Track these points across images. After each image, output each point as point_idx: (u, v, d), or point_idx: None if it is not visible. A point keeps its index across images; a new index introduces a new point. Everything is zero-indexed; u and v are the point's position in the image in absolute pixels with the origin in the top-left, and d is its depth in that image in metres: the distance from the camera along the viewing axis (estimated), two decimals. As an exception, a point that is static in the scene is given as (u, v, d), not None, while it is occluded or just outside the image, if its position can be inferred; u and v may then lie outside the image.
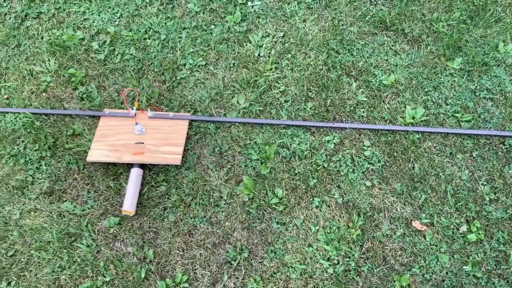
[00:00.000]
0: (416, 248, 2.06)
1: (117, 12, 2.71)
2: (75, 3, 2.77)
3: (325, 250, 2.06)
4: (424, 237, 2.08)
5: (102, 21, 2.69)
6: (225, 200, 2.18)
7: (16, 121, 2.41)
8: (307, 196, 2.18)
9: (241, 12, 2.66)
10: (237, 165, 2.26)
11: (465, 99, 2.38)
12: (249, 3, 2.69)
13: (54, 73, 2.54)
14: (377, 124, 2.32)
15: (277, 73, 2.48)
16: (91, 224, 2.15)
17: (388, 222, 2.12)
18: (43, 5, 2.78)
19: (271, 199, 2.16)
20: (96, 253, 2.09)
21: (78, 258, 2.08)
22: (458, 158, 2.24)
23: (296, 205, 2.16)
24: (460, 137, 2.29)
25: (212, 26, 2.64)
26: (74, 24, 2.70)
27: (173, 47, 2.58)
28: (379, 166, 2.23)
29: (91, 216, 2.17)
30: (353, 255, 2.05)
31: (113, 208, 2.18)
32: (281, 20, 2.65)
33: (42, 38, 2.66)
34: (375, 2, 2.69)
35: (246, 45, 2.58)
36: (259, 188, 2.20)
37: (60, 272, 2.05)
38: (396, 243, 2.07)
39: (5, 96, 2.49)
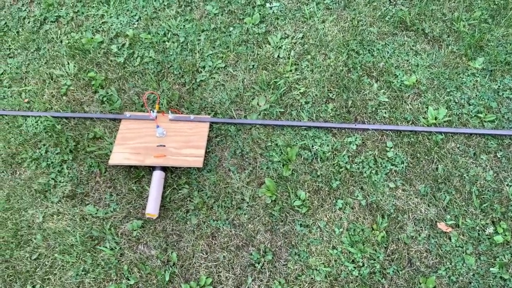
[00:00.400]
0: (441, 250, 2.04)
1: (135, 15, 2.71)
2: (93, 6, 2.78)
3: (349, 252, 2.04)
4: (450, 238, 2.06)
5: (121, 24, 2.69)
6: (248, 203, 2.17)
7: (37, 124, 2.41)
8: (330, 198, 2.16)
9: (260, 14, 2.65)
10: (258, 167, 2.25)
11: (488, 99, 2.36)
12: (267, 5, 2.69)
13: (74, 76, 2.55)
14: (400, 125, 2.30)
15: (297, 75, 2.47)
16: (114, 227, 2.15)
17: (413, 223, 2.10)
18: (61, 9, 2.79)
19: (294, 201, 2.15)
20: (120, 256, 2.09)
21: (102, 261, 2.08)
22: (482, 158, 2.22)
23: (319, 207, 2.14)
24: (484, 138, 2.27)
25: (231, 28, 2.63)
26: (92, 27, 2.71)
27: (192, 49, 2.58)
28: (402, 167, 2.21)
29: (114, 219, 2.17)
30: (378, 257, 2.03)
31: (136, 211, 2.18)
32: (300, 21, 2.64)
33: (61, 41, 2.67)
34: (394, 2, 2.67)
35: (265, 46, 2.57)
36: (281, 190, 2.19)
37: (84, 275, 2.05)
38: (421, 245, 2.05)
39: (26, 100, 2.50)
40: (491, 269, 1.99)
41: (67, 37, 2.69)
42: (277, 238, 2.10)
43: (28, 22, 2.77)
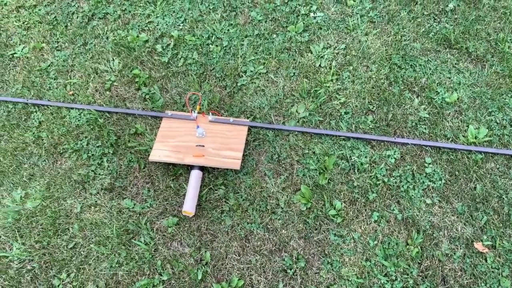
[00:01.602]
0: (476, 270, 2.01)
1: (181, 17, 2.77)
2: (140, 6, 2.84)
3: (383, 265, 2.04)
4: (486, 259, 2.03)
5: (166, 24, 2.75)
6: (282, 208, 2.18)
7: (80, 117, 2.48)
8: (365, 210, 2.16)
9: (303, 23, 2.68)
10: (295, 173, 2.27)
11: (530, 121, 2.34)
12: (312, 14, 2.71)
13: (118, 72, 2.61)
14: (439, 142, 2.30)
15: (338, 85, 2.48)
16: (150, 223, 2.18)
17: (448, 241, 2.08)
18: (109, 6, 2.87)
19: (329, 211, 2.15)
20: (154, 251, 2.12)
21: (136, 255, 2.11)
22: (522, 181, 2.20)
23: (354, 218, 2.14)
24: (524, 160, 2.25)
25: (274, 35, 2.67)
26: (138, 26, 2.77)
27: (235, 53, 2.62)
28: (440, 184, 2.20)
29: (150, 214, 2.20)
30: (411, 272, 2.01)
31: (172, 208, 2.21)
32: (343, 32, 2.66)
33: (107, 38, 2.74)
34: (439, 20, 2.67)
35: (307, 55, 2.59)
36: (317, 198, 2.19)
37: (118, 268, 2.08)
38: (456, 264, 2.03)
39: (71, 92, 2.57)
40: (527, 293, 1.97)
41: (114, 34, 2.76)
42: (311, 245, 2.10)
43: (77, 17, 2.85)
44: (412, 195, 2.18)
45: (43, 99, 2.56)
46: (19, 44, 2.78)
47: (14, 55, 2.74)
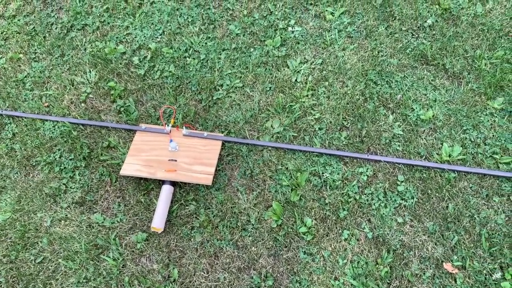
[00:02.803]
0: (446, 291, 2.00)
1: (159, 29, 2.77)
2: (119, 18, 2.84)
3: (351, 285, 2.02)
4: (455, 280, 2.01)
5: (144, 36, 2.75)
6: (253, 225, 2.17)
7: (54, 129, 2.46)
8: (336, 228, 2.14)
9: (281, 37, 2.68)
10: (267, 189, 2.25)
11: (505, 140, 2.32)
12: (290, 29, 2.71)
13: (94, 84, 2.60)
14: (412, 159, 2.28)
15: (313, 100, 2.47)
16: (119, 238, 2.16)
17: (418, 261, 2.06)
18: (88, 18, 2.86)
19: (300, 228, 2.14)
20: (122, 267, 2.10)
21: (104, 271, 2.09)
22: (494, 201, 2.17)
23: (325, 236, 2.13)
24: (497, 179, 2.23)
25: (252, 49, 2.66)
26: (117, 37, 2.76)
27: (211, 67, 2.61)
28: (412, 202, 2.18)
29: (119, 229, 2.18)
30: (380, 292, 2.00)
31: (142, 223, 2.19)
32: (320, 47, 2.66)
33: (85, 49, 2.74)
34: (416, 35, 2.67)
35: (284, 69, 2.59)
36: (288, 215, 2.18)
37: (85, 284, 2.06)
38: (425, 284, 2.01)
39: (46, 104, 2.56)
40: (495, 315, 1.95)
41: (91, 45, 2.75)
42: (280, 263, 2.09)
43: (56, 28, 2.84)
44: (384, 213, 2.16)
45: (18, 110, 2.55)
46: (-3, 54, 2.78)
47: (-8, 65, 2.74)
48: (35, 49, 2.77)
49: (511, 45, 2.62)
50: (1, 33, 2.85)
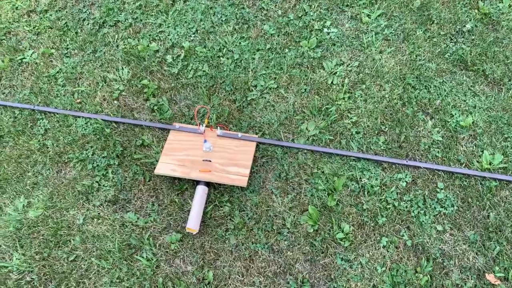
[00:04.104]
0: (487, 303, 1.95)
1: (192, 27, 2.73)
2: (152, 15, 2.81)
3: (390, 293, 1.98)
4: (497, 292, 1.97)
5: (178, 35, 2.72)
6: (288, 229, 2.13)
7: (86, 126, 2.44)
8: (374, 235, 2.10)
9: (317, 38, 2.63)
10: (302, 193, 2.21)
11: (547, 149, 2.27)
12: (325, 30, 2.67)
13: (127, 82, 2.57)
14: (452, 167, 2.23)
15: (350, 103, 2.43)
16: (153, 238, 2.13)
17: (459, 271, 2.01)
18: (120, 14, 2.84)
19: (337, 233, 2.09)
20: (156, 267, 2.07)
21: (137, 271, 2.06)
22: (537, 211, 2.13)
23: (363, 243, 2.08)
24: (540, 189, 2.18)
25: (286, 50, 2.62)
26: (149, 35, 2.74)
27: (245, 67, 2.58)
28: (452, 210, 2.13)
29: (153, 229, 2.15)
30: (420, 302, 1.95)
31: (176, 224, 2.16)
32: (357, 49, 2.61)
33: (117, 46, 2.71)
34: (455, 40, 2.61)
35: (319, 71, 2.55)
36: (325, 220, 2.14)
37: (118, 284, 2.04)
38: (466, 295, 1.97)
39: (78, 100, 2.54)
40: (539, 330, 1.90)
41: (124, 42, 2.72)
42: (316, 269, 2.04)
43: (88, 24, 2.82)
44: (423, 221, 2.11)
45: (50, 106, 2.53)
46: (29, 49, 2.75)
47: (23, 60, 2.72)
48: (67, 45, 2.75)
49: (553, 52, 2.56)
50: (33, 28, 2.83)
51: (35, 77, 2.64)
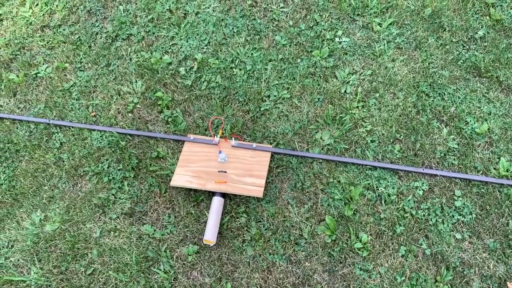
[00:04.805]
0: (510, 312, 1.92)
1: (205, 40, 2.75)
2: (164, 28, 2.84)
3: (411, 303, 1.96)
4: (519, 300, 1.94)
5: (190, 47, 2.73)
6: (306, 239, 2.12)
7: (102, 139, 2.45)
8: (392, 244, 2.08)
9: (329, 48, 2.64)
10: (319, 203, 2.20)
11: None
12: (337, 39, 2.68)
13: (141, 94, 2.59)
14: (469, 174, 2.22)
15: (364, 112, 2.43)
16: (170, 250, 2.13)
17: (480, 279, 1.99)
18: (133, 27, 2.86)
19: (355, 243, 2.08)
20: (173, 280, 2.06)
21: (155, 283, 2.05)
22: (557, 218, 2.10)
23: (381, 252, 2.07)
24: (559, 196, 2.16)
25: (298, 60, 2.63)
26: (162, 48, 2.76)
27: (258, 78, 2.59)
28: (470, 218, 2.11)
29: (170, 241, 2.15)
30: (441, 312, 1.93)
31: (193, 236, 2.16)
32: (369, 58, 2.61)
33: (130, 59, 2.73)
34: (468, 47, 2.61)
35: (332, 80, 2.55)
36: (342, 230, 2.12)
37: (136, 296, 2.04)
38: (488, 304, 1.95)
39: (93, 114, 2.56)
40: None
41: (137, 55, 2.74)
42: (335, 280, 2.03)
43: (100, 38, 2.85)
44: (441, 229, 2.10)
45: (65, 120, 2.55)
46: (43, 64, 2.78)
47: (38, 74, 2.74)
48: (81, 59, 2.77)
49: None
50: (47, 42, 2.86)
51: (49, 91, 2.66)
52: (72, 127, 2.51)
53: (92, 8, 2.97)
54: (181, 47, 2.75)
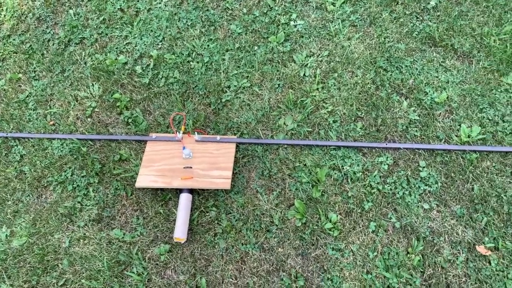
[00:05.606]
0: (481, 275, 1.94)
1: (159, 36, 2.71)
2: (117, 28, 2.78)
3: (384, 277, 1.97)
4: (489, 262, 1.97)
5: (145, 44, 2.69)
6: (277, 225, 2.11)
7: (62, 147, 2.40)
8: (362, 221, 2.09)
9: (284, 32, 2.62)
10: (287, 188, 2.20)
11: (523, 115, 2.29)
12: (292, 23, 2.66)
13: (99, 98, 2.54)
14: (432, 144, 2.24)
15: (324, 93, 2.42)
16: (142, 252, 2.10)
17: (450, 246, 2.02)
18: (85, 31, 2.80)
19: (325, 224, 2.09)
20: (147, 281, 2.04)
21: (129, 287, 2.03)
22: (520, 178, 2.14)
23: (352, 230, 2.08)
24: (520, 156, 2.19)
25: (255, 47, 2.61)
26: (116, 48, 2.70)
27: (217, 69, 2.56)
28: (436, 187, 2.14)
29: (141, 243, 2.12)
30: (415, 282, 1.95)
31: (163, 235, 2.13)
32: (325, 38, 2.60)
33: (85, 63, 2.68)
34: (421, 18, 2.62)
35: (291, 65, 2.53)
36: (312, 212, 2.13)
37: (111, 302, 2.01)
38: (460, 269, 1.97)
39: (51, 122, 2.50)
40: (535, 294, 1.90)
41: (92, 58, 2.69)
42: (309, 262, 2.03)
43: (53, 44, 2.78)
44: (409, 201, 2.11)
45: (23, 131, 2.48)
46: (-4, 76, 2.71)
47: (-9, 88, 2.68)
48: (34, 67, 2.70)
49: (518, 19, 2.58)
50: (-2, 54, 2.79)
51: (5, 104, 2.59)
52: (31, 138, 2.45)
53: (42, 14, 2.89)
54: (135, 46, 2.70)
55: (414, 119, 2.31)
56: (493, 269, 1.95)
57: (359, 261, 2.01)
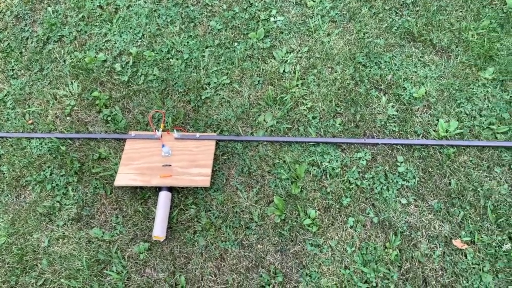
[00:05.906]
0: (457, 268, 1.97)
1: (138, 33, 2.69)
2: (96, 25, 2.76)
3: (362, 272, 1.98)
4: (466, 256, 1.99)
5: (124, 42, 2.67)
6: (256, 222, 2.12)
7: (41, 146, 2.39)
8: (341, 216, 2.11)
9: (264, 28, 2.62)
10: (266, 185, 2.20)
11: (500, 110, 2.30)
12: (272, 19, 2.65)
13: (78, 96, 2.52)
14: (410, 139, 2.25)
15: (304, 89, 2.43)
16: (121, 250, 2.10)
17: (427, 241, 2.04)
18: (64, 28, 2.77)
19: (304, 220, 2.10)
20: (127, 280, 2.04)
21: (109, 285, 2.03)
22: (496, 172, 2.16)
23: (330, 226, 2.09)
24: (497, 150, 2.21)
25: (235, 44, 2.60)
26: (96, 46, 2.68)
27: (196, 66, 2.55)
28: (414, 182, 2.15)
29: (120, 242, 2.12)
30: (392, 276, 1.97)
31: (143, 233, 2.13)
32: (305, 34, 2.60)
33: (64, 61, 2.65)
34: (400, 13, 2.63)
35: (271, 61, 2.53)
36: (291, 208, 2.14)
37: (91, 301, 2.01)
38: (436, 263, 1.99)
39: (30, 121, 2.48)
40: (510, 287, 1.93)
41: (70, 56, 2.66)
42: (288, 258, 2.05)
43: (31, 42, 2.75)
44: (387, 197, 2.13)
45: (1, 131, 2.46)
46: (-27, 75, 2.68)
47: (-31, 87, 2.65)
48: (12, 66, 2.67)
49: (496, 14, 2.59)
50: (-25, 53, 2.76)
51: (-18, 103, 2.57)
52: (10, 137, 2.43)
53: (20, 12, 2.86)
54: (115, 43, 2.68)
55: (393, 115, 2.33)
56: (469, 262, 1.98)
57: (338, 256, 2.03)
